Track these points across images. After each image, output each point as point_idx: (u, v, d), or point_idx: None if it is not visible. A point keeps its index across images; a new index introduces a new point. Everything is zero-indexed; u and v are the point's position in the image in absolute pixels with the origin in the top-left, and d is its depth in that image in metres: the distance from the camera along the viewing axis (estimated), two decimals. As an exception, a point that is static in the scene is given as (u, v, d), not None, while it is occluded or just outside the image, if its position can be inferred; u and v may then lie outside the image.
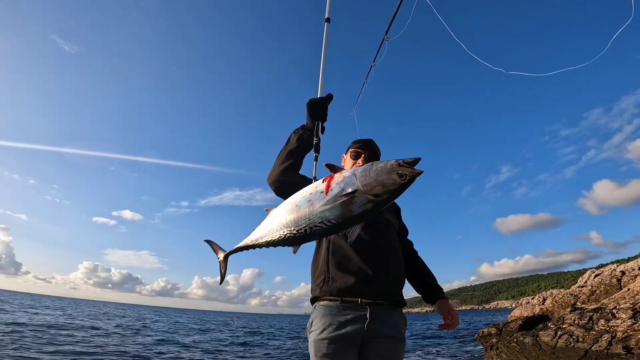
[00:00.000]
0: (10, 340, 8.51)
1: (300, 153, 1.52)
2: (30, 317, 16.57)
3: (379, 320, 1.52)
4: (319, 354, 1.48)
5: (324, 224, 1.08)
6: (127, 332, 14.22)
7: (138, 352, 8.91)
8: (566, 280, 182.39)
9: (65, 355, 7.42)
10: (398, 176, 1.02)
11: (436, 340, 15.21)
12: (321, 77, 1.86)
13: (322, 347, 1.48)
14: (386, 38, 2.94)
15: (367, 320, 1.50)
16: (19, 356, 6.79)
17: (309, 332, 1.59)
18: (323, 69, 1.92)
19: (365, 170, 1.07)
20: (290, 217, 1.14)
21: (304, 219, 1.11)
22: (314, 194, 1.12)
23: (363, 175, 1.06)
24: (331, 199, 1.07)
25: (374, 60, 3.12)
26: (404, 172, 1.02)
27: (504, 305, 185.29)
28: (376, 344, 1.51)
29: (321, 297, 1.59)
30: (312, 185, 1.17)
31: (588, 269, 20.83)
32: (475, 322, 28.81)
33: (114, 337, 11.80)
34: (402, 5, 2.76)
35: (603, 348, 5.03)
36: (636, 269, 9.15)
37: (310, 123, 1.47)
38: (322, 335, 1.50)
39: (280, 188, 1.55)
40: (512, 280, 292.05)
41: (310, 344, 1.54)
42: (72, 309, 34.93)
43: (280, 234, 1.16)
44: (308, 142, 1.49)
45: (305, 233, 1.11)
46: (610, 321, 5.52)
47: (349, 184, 1.07)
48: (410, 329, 25.10)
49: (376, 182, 1.04)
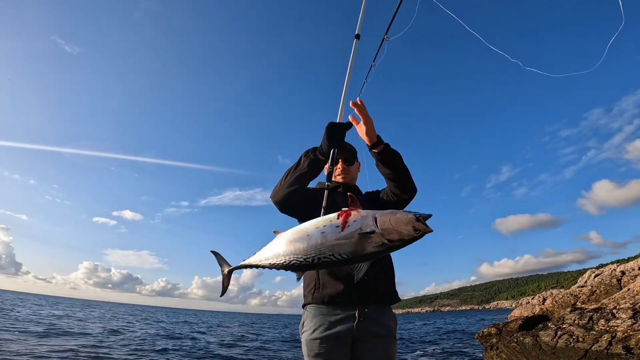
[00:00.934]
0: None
1: (309, 178, 1.59)
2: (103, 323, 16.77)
3: (368, 320, 1.58)
4: (312, 354, 1.55)
5: (334, 257, 1.17)
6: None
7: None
8: (566, 280, 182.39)
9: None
10: (413, 229, 1.15)
11: (436, 340, 15.21)
12: (343, 96, 1.85)
13: (314, 347, 1.55)
14: (386, 38, 2.94)
15: (356, 320, 1.56)
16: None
17: (301, 332, 1.66)
18: (347, 88, 1.90)
19: (385, 215, 1.19)
20: (300, 246, 1.22)
21: (313, 249, 1.19)
22: (327, 226, 1.21)
23: (383, 221, 1.17)
24: (347, 234, 1.17)
25: (374, 60, 3.12)
26: (419, 227, 1.15)
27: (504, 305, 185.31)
28: (367, 343, 1.57)
29: (312, 304, 1.65)
30: (326, 217, 1.26)
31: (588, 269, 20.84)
32: (475, 322, 28.80)
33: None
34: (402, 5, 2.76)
35: (603, 348, 5.03)
36: (636, 269, 9.15)
37: (326, 148, 1.52)
38: (313, 335, 1.57)
39: (285, 209, 1.65)
40: (512, 280, 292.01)
41: (303, 344, 1.60)
42: (100, 312, 34.51)
43: (286, 259, 1.24)
44: (319, 168, 1.56)
45: (312, 262, 1.20)
46: (610, 321, 5.52)
47: (367, 225, 1.17)
48: (409, 328, 25.09)
49: (394, 230, 1.15)
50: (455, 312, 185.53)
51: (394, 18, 2.93)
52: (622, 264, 10.55)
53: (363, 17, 2.30)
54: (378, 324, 1.59)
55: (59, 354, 7.41)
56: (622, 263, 10.80)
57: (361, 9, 2.35)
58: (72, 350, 8.07)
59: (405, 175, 1.66)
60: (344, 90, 1.91)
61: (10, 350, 7.21)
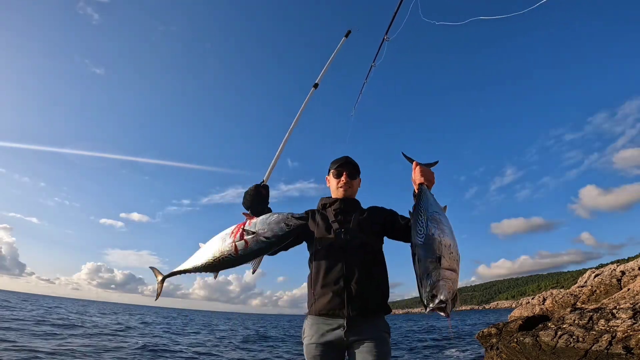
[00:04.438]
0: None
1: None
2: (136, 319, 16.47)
3: (357, 330, 1.72)
4: (309, 356, 1.77)
5: (231, 256, 1.59)
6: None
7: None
8: (566, 280, 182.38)
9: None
10: (285, 225, 1.57)
11: (436, 340, 15.21)
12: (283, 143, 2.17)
13: (311, 351, 1.77)
14: (386, 38, 2.95)
15: (346, 329, 1.71)
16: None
17: (302, 339, 1.87)
18: (289, 133, 2.20)
19: (264, 218, 1.62)
20: (210, 251, 1.65)
21: (218, 252, 1.62)
22: (227, 233, 1.65)
23: (261, 223, 1.60)
24: (237, 237, 1.59)
25: (374, 61, 3.13)
26: (290, 222, 1.57)
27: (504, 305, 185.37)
28: (358, 347, 1.71)
29: (310, 314, 1.86)
30: (228, 229, 1.67)
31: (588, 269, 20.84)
32: (475, 322, 28.81)
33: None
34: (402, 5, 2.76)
35: (603, 348, 5.03)
36: (636, 269, 9.14)
37: (246, 209, 1.80)
38: (311, 340, 1.78)
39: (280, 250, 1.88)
40: (512, 280, 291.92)
41: (304, 349, 1.83)
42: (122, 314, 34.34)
43: (202, 262, 1.67)
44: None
45: (219, 262, 1.62)
46: (610, 321, 5.52)
47: (251, 227, 1.60)
48: (409, 328, 25.09)
49: (269, 229, 1.58)
50: (455, 312, 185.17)
51: (394, 18, 2.94)
52: (622, 263, 10.54)
53: (327, 70, 2.53)
54: (367, 332, 1.72)
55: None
56: (622, 263, 10.79)
57: (328, 61, 2.56)
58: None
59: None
60: (288, 133, 2.20)
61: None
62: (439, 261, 1.34)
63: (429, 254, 1.38)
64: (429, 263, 1.36)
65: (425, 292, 1.32)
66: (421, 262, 1.39)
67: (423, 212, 1.56)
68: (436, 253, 1.37)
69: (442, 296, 1.28)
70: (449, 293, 1.29)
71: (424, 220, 1.51)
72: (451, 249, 1.40)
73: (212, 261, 1.62)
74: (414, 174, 1.81)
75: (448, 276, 1.32)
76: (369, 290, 1.76)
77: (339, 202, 1.98)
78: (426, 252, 1.39)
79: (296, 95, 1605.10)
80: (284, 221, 1.55)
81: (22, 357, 6.47)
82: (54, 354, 7.08)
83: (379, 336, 1.72)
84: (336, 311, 1.73)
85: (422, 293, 1.34)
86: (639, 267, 9.21)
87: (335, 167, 2.04)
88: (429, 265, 1.35)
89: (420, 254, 1.42)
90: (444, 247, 1.38)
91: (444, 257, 1.35)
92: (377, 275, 1.82)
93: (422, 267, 1.37)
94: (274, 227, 1.55)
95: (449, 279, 1.32)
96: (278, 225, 1.55)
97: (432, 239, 1.41)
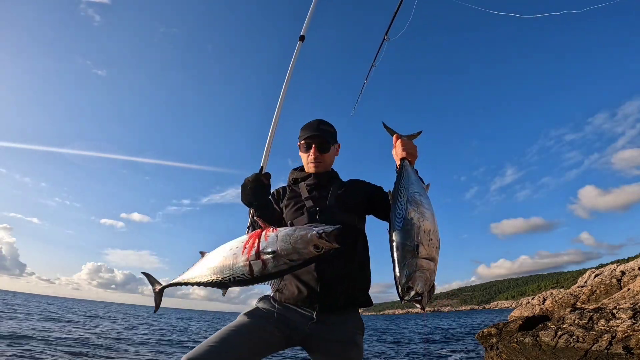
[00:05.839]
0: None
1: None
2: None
3: (324, 324, 1.50)
4: (246, 315, 1.52)
5: (245, 276, 1.22)
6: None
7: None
8: (566, 280, 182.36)
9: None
10: (314, 248, 1.16)
11: (436, 340, 15.21)
12: (280, 100, 1.85)
13: (253, 312, 1.54)
14: (386, 38, 2.94)
15: (314, 320, 1.49)
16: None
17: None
18: (284, 92, 1.90)
19: (287, 235, 1.20)
20: (218, 266, 1.29)
21: (228, 269, 1.25)
22: (239, 247, 1.26)
23: (283, 241, 1.19)
24: (253, 255, 1.21)
25: (374, 60, 3.12)
26: (321, 245, 1.16)
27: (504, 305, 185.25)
28: (322, 350, 1.51)
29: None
30: (239, 238, 1.31)
31: (588, 269, 20.85)
32: (475, 322, 28.79)
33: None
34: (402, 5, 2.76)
35: (603, 348, 5.02)
36: (636, 269, 9.13)
37: (247, 205, 1.49)
38: (263, 306, 1.56)
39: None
40: (512, 280, 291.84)
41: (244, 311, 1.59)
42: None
43: (208, 278, 1.31)
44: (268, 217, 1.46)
45: (229, 281, 1.26)
46: (610, 321, 5.51)
47: (270, 244, 1.20)
48: (408, 328, 25.08)
49: (293, 250, 1.17)
50: (455, 312, 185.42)
51: (394, 18, 2.94)
52: (622, 263, 10.53)
53: (311, 18, 2.26)
54: (336, 332, 1.50)
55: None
56: (622, 263, 10.78)
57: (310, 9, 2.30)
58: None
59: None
60: (283, 91, 1.91)
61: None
62: (416, 249, 1.22)
63: (407, 240, 1.24)
64: (406, 251, 1.23)
65: (401, 283, 1.21)
66: (398, 250, 1.26)
67: (403, 193, 1.38)
68: (414, 240, 1.23)
69: (418, 288, 1.18)
70: (426, 285, 1.19)
71: (404, 202, 1.35)
72: (431, 235, 1.27)
73: (220, 279, 1.29)
74: (395, 148, 1.57)
75: (425, 266, 1.20)
76: (346, 280, 1.53)
77: (312, 176, 1.70)
78: (403, 239, 1.26)
79: (299, 92, 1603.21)
80: (313, 243, 1.16)
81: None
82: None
83: (348, 338, 1.51)
84: (306, 303, 1.51)
85: (398, 283, 1.23)
86: (638, 267, 9.20)
87: (303, 137, 1.70)
88: (405, 254, 1.23)
89: (397, 240, 1.28)
90: (423, 233, 1.25)
91: (422, 245, 1.23)
92: (358, 263, 1.59)
93: (398, 255, 1.25)
94: (300, 248, 1.17)
95: (427, 270, 1.20)
96: (306, 248, 1.17)
97: (410, 224, 1.27)
